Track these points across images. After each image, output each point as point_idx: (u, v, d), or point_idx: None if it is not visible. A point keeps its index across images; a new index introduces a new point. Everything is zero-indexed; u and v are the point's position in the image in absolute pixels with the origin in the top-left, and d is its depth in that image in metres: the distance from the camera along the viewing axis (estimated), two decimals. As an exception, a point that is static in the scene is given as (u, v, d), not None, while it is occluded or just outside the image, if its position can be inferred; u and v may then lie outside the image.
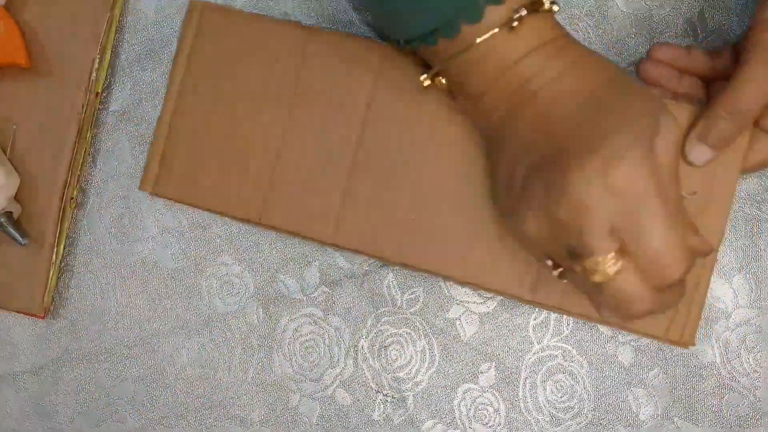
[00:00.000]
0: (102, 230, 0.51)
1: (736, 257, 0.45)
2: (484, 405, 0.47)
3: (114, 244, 0.51)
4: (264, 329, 0.49)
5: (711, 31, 0.46)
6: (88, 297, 0.51)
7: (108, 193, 0.51)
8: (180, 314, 0.50)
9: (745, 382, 0.45)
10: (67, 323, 0.51)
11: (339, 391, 0.48)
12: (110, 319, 0.51)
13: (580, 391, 0.46)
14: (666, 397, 0.45)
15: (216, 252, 0.50)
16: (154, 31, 0.51)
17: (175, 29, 0.50)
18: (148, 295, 0.50)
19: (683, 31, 0.46)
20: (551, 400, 0.46)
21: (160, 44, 0.50)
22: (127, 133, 0.51)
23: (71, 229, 0.51)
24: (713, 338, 0.45)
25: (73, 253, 0.51)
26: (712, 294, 0.45)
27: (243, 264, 0.49)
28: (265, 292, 0.49)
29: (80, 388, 0.51)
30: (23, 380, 0.51)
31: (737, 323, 0.45)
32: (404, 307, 0.47)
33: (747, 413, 0.45)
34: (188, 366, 0.50)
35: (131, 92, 0.51)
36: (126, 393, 0.50)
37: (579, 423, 0.46)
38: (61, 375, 0.51)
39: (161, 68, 0.50)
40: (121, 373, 0.50)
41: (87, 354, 0.51)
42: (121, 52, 0.51)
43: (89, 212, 0.51)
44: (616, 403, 0.45)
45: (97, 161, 0.51)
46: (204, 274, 0.50)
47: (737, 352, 0.45)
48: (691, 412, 0.45)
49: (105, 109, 0.51)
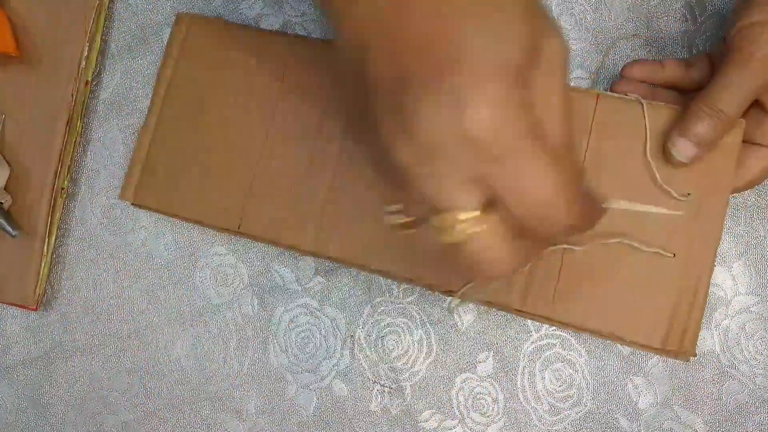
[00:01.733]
0: (94, 221, 0.50)
1: (735, 244, 0.45)
2: (482, 395, 0.46)
3: (106, 235, 0.50)
4: (259, 320, 0.49)
5: (709, 15, 0.45)
6: (81, 289, 0.50)
7: (99, 183, 0.50)
8: (174, 305, 0.49)
9: (744, 369, 0.44)
10: (59, 315, 0.51)
11: (336, 382, 0.48)
12: (103, 310, 0.50)
13: (579, 380, 0.45)
14: (665, 385, 0.45)
15: (209, 242, 0.49)
16: (143, 19, 0.50)
17: (165, 16, 0.50)
18: (142, 287, 0.50)
19: (681, 15, 0.46)
20: (550, 389, 0.46)
21: (150, 32, 0.50)
22: (118, 122, 0.50)
23: (63, 220, 0.50)
24: (713, 326, 0.45)
25: (65, 244, 0.50)
26: (712, 281, 0.45)
27: (237, 254, 0.49)
28: (259, 282, 0.48)
29: (74, 381, 0.50)
30: (16, 372, 0.51)
31: (737, 311, 0.45)
32: (401, 297, 0.47)
33: (747, 401, 0.44)
34: (183, 358, 0.49)
35: (121, 80, 0.50)
36: (120, 385, 0.50)
37: (578, 412, 0.45)
38: (55, 367, 0.51)
39: (151, 56, 0.50)
40: (115, 365, 0.50)
41: (80, 346, 0.50)
42: (110, 40, 0.50)
43: (81, 203, 0.50)
44: (615, 391, 0.45)
45: (87, 151, 0.50)
46: (198, 264, 0.49)
47: (737, 340, 0.45)
48: (690, 400, 0.45)
49: (95, 98, 0.50)
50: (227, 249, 0.49)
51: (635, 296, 0.40)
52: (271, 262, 0.48)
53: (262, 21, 0.49)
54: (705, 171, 0.40)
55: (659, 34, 0.46)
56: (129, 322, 0.50)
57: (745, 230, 0.45)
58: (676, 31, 0.46)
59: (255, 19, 0.49)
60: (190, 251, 0.49)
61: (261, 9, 0.49)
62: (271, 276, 0.48)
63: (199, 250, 0.49)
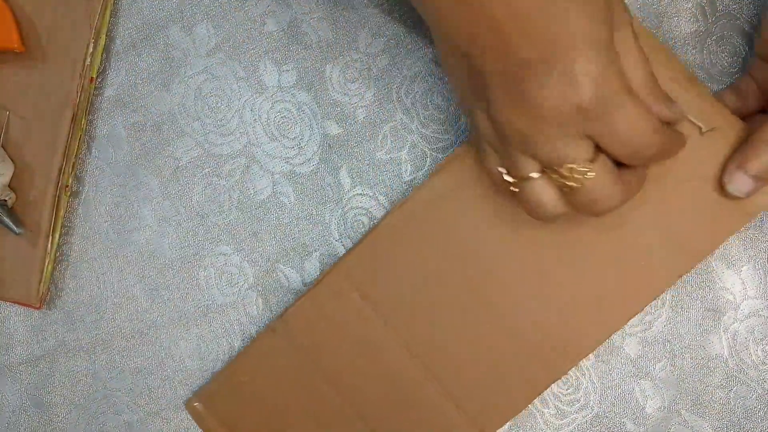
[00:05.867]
0: (98, 219, 0.50)
1: (744, 248, 0.44)
2: (487, 397, 0.46)
3: (110, 233, 0.50)
4: (264, 321, 0.48)
5: (720, 15, 0.45)
6: (85, 287, 0.50)
7: (104, 181, 0.50)
8: (178, 305, 0.49)
9: (753, 374, 0.44)
10: (63, 314, 0.50)
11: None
12: (107, 309, 0.50)
13: (586, 384, 0.45)
14: (673, 389, 0.44)
15: (214, 242, 0.49)
16: (149, 15, 0.50)
17: (171, 13, 0.49)
18: (146, 286, 0.50)
19: (692, 15, 0.45)
20: (556, 392, 0.45)
21: (156, 28, 0.49)
22: (123, 119, 0.50)
23: (67, 218, 0.50)
24: (721, 329, 0.44)
25: (69, 242, 0.50)
26: (721, 285, 0.44)
27: (242, 254, 0.48)
28: (264, 282, 0.48)
29: (77, 380, 0.50)
30: (19, 371, 0.51)
31: (745, 314, 0.44)
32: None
33: (755, 405, 0.44)
34: (187, 358, 0.49)
35: (126, 77, 0.50)
36: (123, 385, 0.50)
37: (585, 416, 0.45)
38: (58, 366, 0.50)
39: (157, 53, 0.49)
40: (119, 365, 0.50)
41: (84, 345, 0.50)
42: (116, 36, 0.50)
43: (85, 200, 0.50)
44: (622, 395, 0.45)
45: (92, 148, 0.50)
46: (202, 264, 0.49)
47: (745, 344, 0.44)
48: (698, 404, 0.44)
49: (100, 95, 0.50)
50: (232, 248, 0.49)
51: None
52: (276, 263, 0.48)
53: (268, 18, 0.48)
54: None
55: (670, 34, 0.45)
56: (133, 321, 0.50)
57: (755, 233, 0.44)
58: (687, 32, 0.45)
59: (261, 16, 0.48)
60: (195, 250, 0.49)
61: (267, 6, 0.48)
62: (276, 276, 0.48)
63: (204, 250, 0.49)
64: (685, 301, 0.45)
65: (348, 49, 0.48)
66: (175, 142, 0.49)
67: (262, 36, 0.48)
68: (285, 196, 0.48)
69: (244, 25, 0.49)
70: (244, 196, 0.48)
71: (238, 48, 0.49)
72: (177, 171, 0.49)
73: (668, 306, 0.45)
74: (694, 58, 0.45)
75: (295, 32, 0.48)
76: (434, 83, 0.47)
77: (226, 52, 0.49)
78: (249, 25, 0.49)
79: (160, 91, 0.49)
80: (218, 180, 0.49)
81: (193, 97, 0.49)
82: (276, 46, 0.48)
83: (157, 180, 0.49)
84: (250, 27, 0.49)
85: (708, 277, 0.44)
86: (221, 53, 0.49)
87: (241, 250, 0.49)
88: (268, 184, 0.48)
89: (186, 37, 0.49)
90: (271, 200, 0.48)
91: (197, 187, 0.49)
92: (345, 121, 0.48)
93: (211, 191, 0.49)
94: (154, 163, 0.49)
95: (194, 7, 0.49)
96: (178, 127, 0.49)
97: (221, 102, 0.49)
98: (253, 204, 0.48)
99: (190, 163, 0.49)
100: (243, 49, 0.49)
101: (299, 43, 0.48)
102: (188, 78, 0.49)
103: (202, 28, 0.49)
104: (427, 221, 0.43)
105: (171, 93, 0.49)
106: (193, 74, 0.49)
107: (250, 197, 0.48)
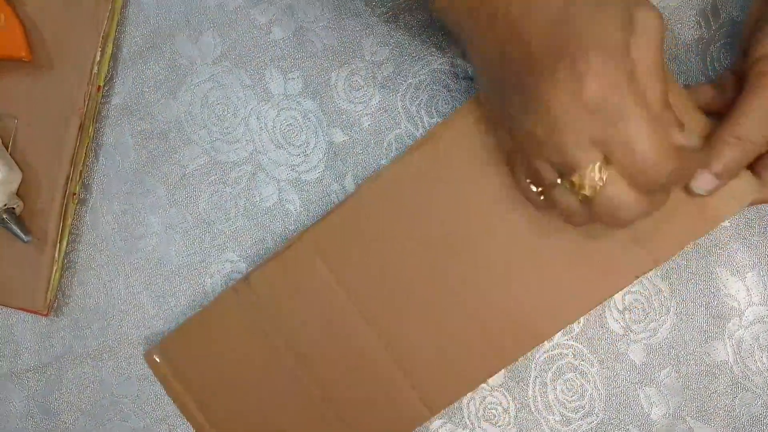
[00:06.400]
0: (105, 226, 0.50)
1: (749, 254, 0.44)
2: (493, 404, 0.46)
3: (117, 240, 0.50)
4: (270, 327, 0.48)
5: (723, 23, 0.45)
6: (92, 294, 0.50)
7: (111, 188, 0.50)
8: (185, 312, 0.49)
9: (758, 380, 0.44)
10: (70, 321, 0.51)
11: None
12: (114, 316, 0.50)
13: (591, 390, 0.45)
14: (678, 396, 0.44)
15: (221, 249, 0.49)
16: (156, 24, 0.50)
17: (178, 21, 0.49)
18: (152, 293, 0.50)
19: (695, 22, 0.45)
20: (561, 399, 0.45)
21: (162, 37, 0.50)
22: (130, 127, 0.50)
23: (74, 225, 0.50)
24: (726, 336, 0.44)
25: (76, 249, 0.50)
26: (725, 291, 0.44)
27: (248, 261, 0.49)
28: (270, 289, 0.48)
29: (84, 387, 0.50)
30: (27, 378, 0.51)
31: (750, 321, 0.44)
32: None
33: (760, 412, 0.44)
34: (193, 364, 0.49)
35: (133, 85, 0.50)
36: (130, 392, 0.50)
37: (590, 423, 0.45)
38: (65, 373, 0.51)
39: (164, 61, 0.50)
40: (126, 372, 0.50)
41: (91, 352, 0.50)
42: (123, 44, 0.50)
43: (92, 208, 0.50)
44: (627, 402, 0.45)
45: (99, 156, 0.50)
46: (209, 271, 0.49)
47: (750, 351, 0.44)
48: (703, 411, 0.44)
49: (107, 103, 0.50)
50: (238, 256, 0.49)
51: None
52: (282, 269, 0.48)
53: (274, 26, 0.49)
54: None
55: (673, 40, 0.45)
56: (139, 328, 0.50)
57: (759, 240, 0.44)
58: (690, 38, 0.45)
59: (267, 24, 0.49)
60: (201, 258, 0.49)
61: (273, 14, 0.49)
62: (281, 283, 0.48)
63: (210, 257, 0.49)
64: (689, 307, 0.45)
65: (353, 57, 0.48)
66: (182, 150, 0.49)
67: (268, 44, 0.49)
68: (291, 204, 0.48)
69: (250, 34, 0.49)
70: (250, 203, 0.49)
71: (244, 56, 0.49)
72: (183, 178, 0.49)
73: (673, 313, 0.45)
74: (696, 65, 0.45)
75: (300, 40, 0.48)
76: (439, 91, 0.47)
77: (232, 61, 0.49)
78: (255, 33, 0.49)
79: (167, 99, 0.50)
80: (224, 187, 0.49)
81: (199, 105, 0.49)
82: (282, 54, 0.49)
83: (163, 187, 0.50)
84: (256, 35, 0.49)
85: (713, 284, 0.45)
86: (227, 61, 0.49)
87: (247, 257, 0.49)
88: (274, 191, 0.49)
89: (192, 45, 0.49)
90: (277, 207, 0.49)
91: (204, 194, 0.49)
92: (350, 128, 0.48)
93: (218, 198, 0.49)
94: (161, 171, 0.50)
95: (200, 16, 0.49)
96: (184, 134, 0.49)
97: (227, 110, 0.49)
98: (259, 211, 0.49)
99: (196, 170, 0.49)
100: (249, 57, 0.49)
101: (305, 51, 0.48)
102: (195, 86, 0.49)
103: (209, 37, 0.49)
104: (397, 199, 0.43)
105: (178, 101, 0.50)
106: (200, 82, 0.49)
107: (256, 204, 0.49)
